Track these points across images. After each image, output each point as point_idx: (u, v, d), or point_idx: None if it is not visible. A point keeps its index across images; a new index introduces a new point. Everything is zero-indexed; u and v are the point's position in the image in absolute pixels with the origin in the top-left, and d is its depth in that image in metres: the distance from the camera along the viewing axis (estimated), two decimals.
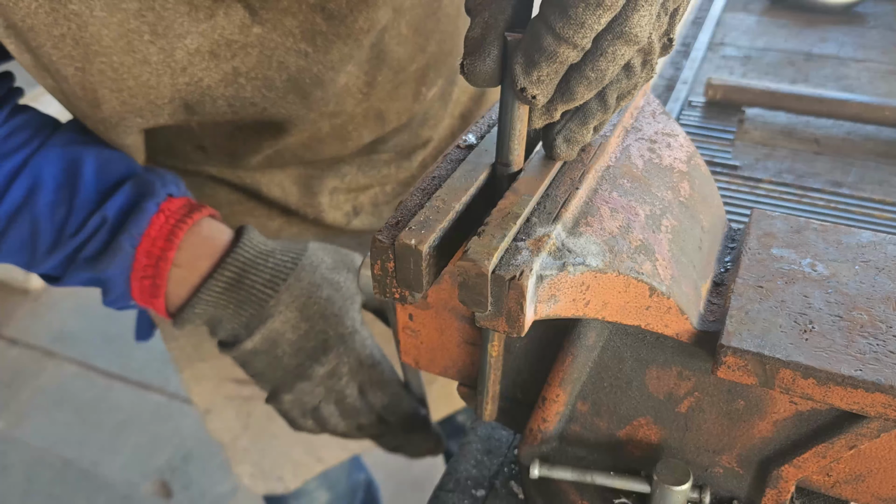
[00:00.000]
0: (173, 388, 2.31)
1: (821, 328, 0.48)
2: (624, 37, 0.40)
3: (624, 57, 0.41)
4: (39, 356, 2.45)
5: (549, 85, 0.42)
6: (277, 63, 0.67)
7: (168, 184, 0.70)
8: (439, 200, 0.47)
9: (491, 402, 0.59)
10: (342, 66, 0.70)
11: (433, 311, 0.59)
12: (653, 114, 0.62)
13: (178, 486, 2.05)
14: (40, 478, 2.08)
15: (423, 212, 0.46)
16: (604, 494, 0.58)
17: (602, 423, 0.58)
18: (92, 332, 2.53)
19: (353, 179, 0.90)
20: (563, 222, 0.47)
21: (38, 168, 0.67)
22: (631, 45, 0.40)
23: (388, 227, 0.46)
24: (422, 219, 0.45)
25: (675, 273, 0.50)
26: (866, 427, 0.49)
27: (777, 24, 1.48)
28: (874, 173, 1.04)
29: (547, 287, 0.44)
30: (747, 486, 0.55)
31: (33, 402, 2.29)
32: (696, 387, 0.54)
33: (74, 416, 2.24)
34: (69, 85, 0.63)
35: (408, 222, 0.45)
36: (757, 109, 1.18)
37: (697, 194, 0.58)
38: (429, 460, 1.52)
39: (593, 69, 0.41)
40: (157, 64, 0.63)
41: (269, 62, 0.66)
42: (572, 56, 0.40)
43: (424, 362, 0.63)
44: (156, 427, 2.20)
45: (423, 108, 0.87)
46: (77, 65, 0.61)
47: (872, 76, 1.28)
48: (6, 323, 2.58)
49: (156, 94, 0.65)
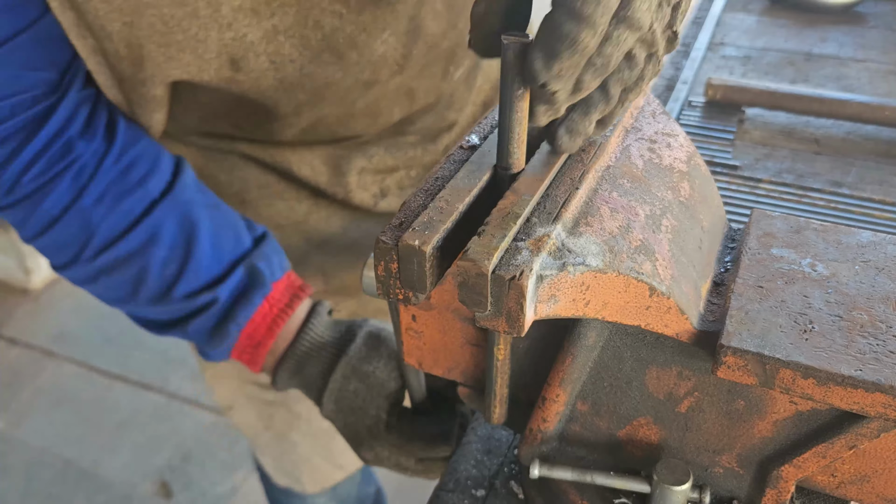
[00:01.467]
0: (173, 388, 2.31)
1: (821, 328, 0.48)
2: (627, 21, 0.42)
3: (627, 42, 0.43)
4: (39, 356, 2.45)
5: (570, 80, 0.44)
6: (313, 22, 0.69)
7: (274, 269, 0.76)
8: (442, 201, 0.47)
9: (499, 405, 0.59)
10: (376, 30, 0.72)
11: (436, 311, 0.59)
12: (653, 114, 0.62)
13: (178, 486, 2.05)
14: (40, 478, 2.08)
15: (427, 213, 0.46)
16: (604, 494, 0.58)
17: (602, 423, 0.58)
18: (92, 332, 2.53)
19: (380, 160, 0.92)
20: (563, 222, 0.47)
21: (158, 221, 0.71)
22: (634, 30, 0.43)
23: (391, 227, 0.46)
24: (425, 220, 0.46)
25: (675, 273, 0.50)
26: (866, 427, 0.49)
27: (777, 24, 1.48)
28: (874, 173, 1.04)
29: (547, 287, 0.44)
30: (747, 486, 0.56)
31: (33, 402, 2.29)
32: (696, 387, 0.54)
33: (74, 416, 2.24)
34: (112, 43, 0.63)
35: (411, 223, 0.46)
36: (757, 109, 1.18)
37: (697, 194, 0.58)
38: None
39: (599, 54, 0.43)
40: (206, 18, 0.64)
41: (306, 21, 0.69)
42: (592, 43, 0.42)
43: (428, 363, 0.63)
44: (156, 427, 2.20)
45: (449, 88, 0.90)
46: (126, 19, 0.62)
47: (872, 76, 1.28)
48: (6, 323, 2.58)
49: (203, 49, 0.66)
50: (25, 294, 2.69)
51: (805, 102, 1.14)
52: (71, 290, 2.70)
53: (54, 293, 2.70)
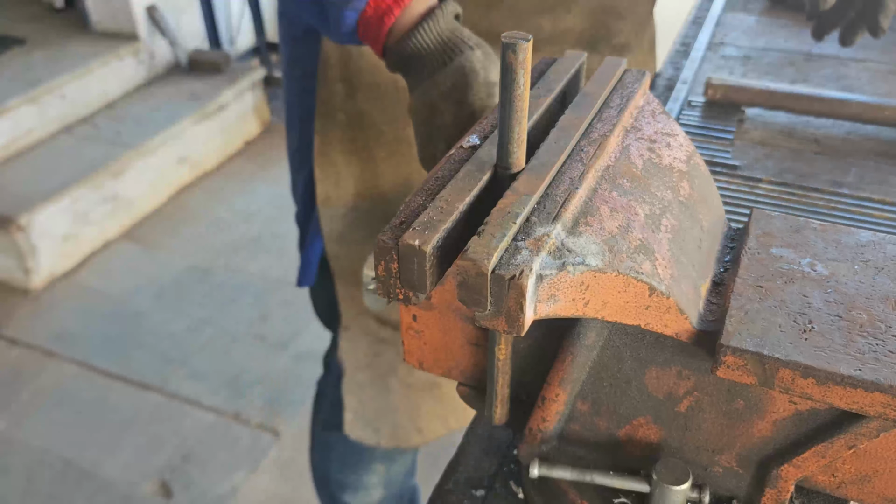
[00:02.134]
0: (173, 388, 2.32)
1: (820, 328, 0.48)
2: None
3: None
4: (39, 356, 2.45)
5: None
6: None
7: None
8: (443, 201, 0.47)
9: (500, 405, 0.59)
10: None
11: (437, 311, 0.59)
12: (653, 113, 0.62)
13: (178, 486, 2.05)
14: (40, 478, 2.08)
15: (427, 212, 0.46)
16: (603, 494, 0.58)
17: (602, 423, 0.58)
18: (92, 332, 2.53)
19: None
20: (563, 222, 0.47)
21: None
22: None
23: (391, 227, 0.46)
24: (425, 219, 0.46)
25: (674, 273, 0.50)
26: (866, 427, 0.49)
27: (777, 24, 1.48)
28: (874, 173, 1.04)
29: (547, 287, 0.44)
30: (747, 486, 0.56)
31: (33, 402, 2.29)
32: (695, 386, 0.54)
33: (74, 416, 2.24)
34: None
35: (411, 223, 0.46)
36: (757, 109, 1.18)
37: (697, 194, 0.58)
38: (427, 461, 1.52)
39: None
40: None
41: None
42: None
43: (428, 363, 0.63)
44: (156, 427, 2.20)
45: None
46: None
47: (872, 76, 1.28)
48: (6, 323, 2.58)
49: None
50: (25, 294, 2.69)
51: (805, 102, 1.14)
52: (71, 290, 2.70)
53: (54, 293, 2.70)
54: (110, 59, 3.26)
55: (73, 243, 2.82)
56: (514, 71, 0.44)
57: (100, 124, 3.16)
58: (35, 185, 2.76)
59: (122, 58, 3.31)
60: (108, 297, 2.69)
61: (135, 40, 3.37)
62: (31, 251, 2.66)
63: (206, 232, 3.02)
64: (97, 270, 2.82)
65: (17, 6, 3.71)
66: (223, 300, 2.66)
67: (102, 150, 2.98)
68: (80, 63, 3.18)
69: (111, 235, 2.98)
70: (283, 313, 2.60)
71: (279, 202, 3.16)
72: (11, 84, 3.02)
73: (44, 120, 3.05)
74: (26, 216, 2.61)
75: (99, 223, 2.91)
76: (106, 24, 3.43)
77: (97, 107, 3.25)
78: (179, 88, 3.40)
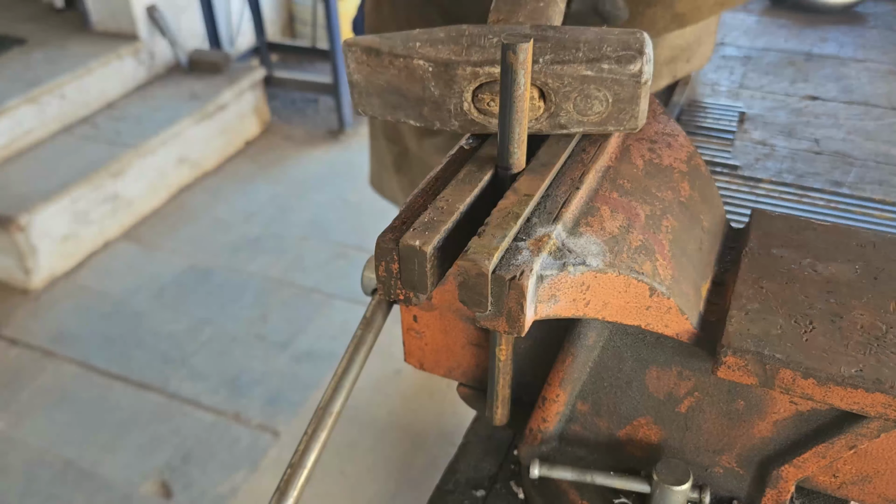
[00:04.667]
0: (173, 388, 2.31)
1: (821, 328, 0.48)
2: None
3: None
4: (39, 356, 2.45)
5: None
6: None
7: None
8: (443, 201, 0.47)
9: (501, 406, 0.59)
10: None
11: (438, 312, 0.59)
12: (653, 114, 0.62)
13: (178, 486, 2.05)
14: (40, 478, 2.07)
15: (427, 213, 0.46)
16: (604, 494, 0.58)
17: (602, 423, 0.58)
18: (92, 332, 2.52)
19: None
20: (564, 222, 0.47)
21: None
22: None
23: (391, 228, 0.46)
24: (426, 220, 0.45)
25: (675, 273, 0.50)
26: (866, 427, 0.49)
27: (777, 24, 1.48)
28: (874, 173, 1.04)
29: (547, 287, 0.44)
30: (747, 486, 0.56)
31: (33, 402, 2.29)
32: (696, 387, 0.54)
33: (74, 416, 2.24)
34: None
35: (412, 223, 0.46)
36: (757, 109, 1.18)
37: (697, 194, 0.58)
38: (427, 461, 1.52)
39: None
40: None
41: None
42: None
43: (429, 364, 0.63)
44: (156, 427, 2.20)
45: None
46: None
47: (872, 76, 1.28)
48: (6, 323, 2.58)
49: None
50: (25, 294, 2.69)
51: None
52: (71, 291, 2.70)
53: (54, 293, 2.70)
54: (110, 59, 3.27)
55: (72, 243, 2.82)
56: (515, 71, 0.44)
57: (100, 124, 3.16)
58: (35, 185, 2.76)
59: (122, 58, 3.32)
60: (108, 297, 2.69)
61: (135, 40, 3.37)
62: (31, 251, 2.66)
63: (206, 232, 3.02)
64: (97, 270, 2.82)
65: (17, 6, 3.71)
66: (223, 300, 2.66)
67: (102, 149, 2.98)
68: (80, 63, 3.18)
69: (111, 235, 2.98)
70: (283, 313, 2.60)
71: (279, 202, 3.16)
72: (11, 84, 3.02)
73: (44, 120, 3.05)
74: (26, 216, 2.61)
75: (99, 223, 2.91)
76: (106, 24, 3.43)
77: (97, 107, 3.25)
78: (179, 88, 3.40)
